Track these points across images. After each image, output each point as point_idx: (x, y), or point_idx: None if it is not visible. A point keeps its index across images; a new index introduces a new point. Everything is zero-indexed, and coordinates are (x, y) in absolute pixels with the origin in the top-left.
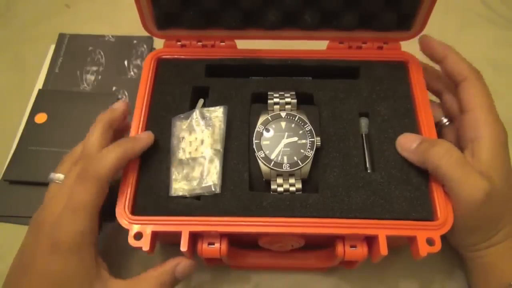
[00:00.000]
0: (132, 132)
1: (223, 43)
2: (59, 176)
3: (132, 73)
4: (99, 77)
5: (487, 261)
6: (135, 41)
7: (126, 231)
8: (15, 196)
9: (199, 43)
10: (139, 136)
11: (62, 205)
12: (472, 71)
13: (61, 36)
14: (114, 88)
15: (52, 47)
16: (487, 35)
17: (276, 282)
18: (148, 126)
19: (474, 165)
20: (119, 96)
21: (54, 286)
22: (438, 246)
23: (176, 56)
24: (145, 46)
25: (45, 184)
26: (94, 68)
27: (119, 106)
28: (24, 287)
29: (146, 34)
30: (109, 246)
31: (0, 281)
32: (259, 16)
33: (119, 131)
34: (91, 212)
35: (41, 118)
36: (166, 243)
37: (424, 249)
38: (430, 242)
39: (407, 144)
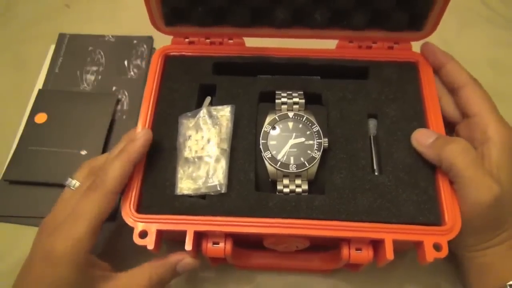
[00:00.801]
0: (138, 130)
1: (231, 41)
2: (75, 183)
3: (132, 73)
4: (99, 77)
5: (485, 261)
6: (135, 41)
7: (129, 230)
8: (15, 196)
9: (207, 40)
10: (137, 136)
11: (66, 213)
12: (471, 78)
13: (61, 36)
14: (114, 88)
15: (52, 47)
16: (487, 35)
17: (278, 282)
18: (154, 124)
19: (485, 166)
20: (119, 96)
21: None
22: (445, 251)
23: (183, 53)
24: (145, 46)
25: (45, 184)
26: (94, 68)
27: (140, 137)
28: None
29: (146, 33)
30: (112, 246)
31: (0, 281)
32: (268, 14)
33: None
34: (92, 222)
35: (41, 118)
36: (170, 240)
37: (430, 255)
38: (437, 247)
39: (423, 139)
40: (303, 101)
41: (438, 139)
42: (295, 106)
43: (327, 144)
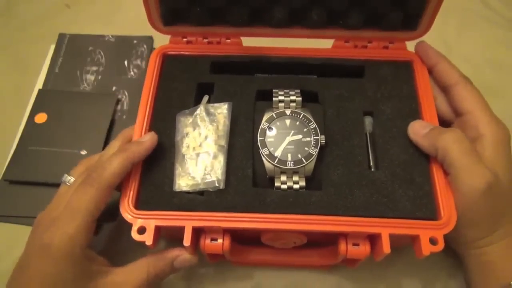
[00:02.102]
0: (137, 128)
1: (229, 40)
2: (70, 178)
3: (132, 73)
4: (99, 77)
5: (486, 260)
6: (135, 41)
7: (129, 230)
8: (15, 196)
9: (205, 40)
10: (143, 139)
11: (61, 207)
12: (462, 76)
13: (61, 36)
14: (114, 88)
15: (52, 47)
16: (487, 35)
17: (277, 280)
18: (152, 122)
19: None
20: (119, 96)
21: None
22: (441, 245)
23: (181, 52)
24: (145, 46)
25: (45, 184)
26: (94, 68)
27: (147, 140)
28: (20, 287)
29: (146, 34)
30: (113, 246)
31: (0, 281)
32: (265, 14)
33: None
34: (88, 216)
35: (41, 118)
36: (169, 238)
37: (427, 248)
38: (433, 241)
39: (419, 129)
40: (300, 99)
41: (433, 129)
42: (292, 104)
43: (324, 141)
